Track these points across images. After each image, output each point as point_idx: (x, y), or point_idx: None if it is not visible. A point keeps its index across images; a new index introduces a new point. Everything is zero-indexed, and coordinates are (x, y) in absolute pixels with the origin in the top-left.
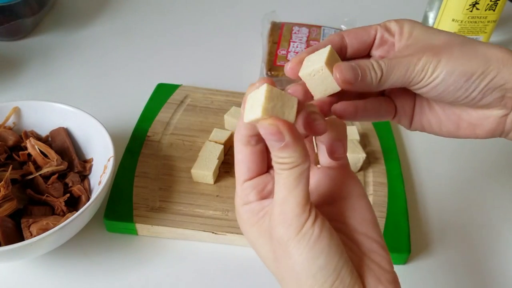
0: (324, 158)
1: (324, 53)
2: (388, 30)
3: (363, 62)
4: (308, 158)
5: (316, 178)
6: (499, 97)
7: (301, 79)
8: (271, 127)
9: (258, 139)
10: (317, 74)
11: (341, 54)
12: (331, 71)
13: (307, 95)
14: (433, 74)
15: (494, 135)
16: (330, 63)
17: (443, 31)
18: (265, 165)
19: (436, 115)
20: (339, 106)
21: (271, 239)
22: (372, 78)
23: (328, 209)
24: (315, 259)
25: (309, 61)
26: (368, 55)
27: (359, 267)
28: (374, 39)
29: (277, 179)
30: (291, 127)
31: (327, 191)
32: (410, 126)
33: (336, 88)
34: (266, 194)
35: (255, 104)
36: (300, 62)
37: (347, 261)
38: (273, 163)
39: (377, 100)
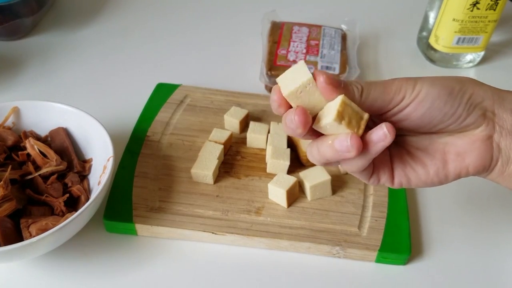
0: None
1: (302, 67)
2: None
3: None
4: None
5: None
6: (481, 114)
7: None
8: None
9: None
10: (304, 90)
11: None
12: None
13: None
14: (415, 90)
15: (485, 164)
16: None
17: None
18: None
19: (419, 160)
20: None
21: None
22: (355, 90)
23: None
24: None
25: (286, 79)
26: None
27: None
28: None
29: None
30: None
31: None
32: (393, 183)
33: (323, 105)
34: None
35: (329, 109)
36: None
37: None
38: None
39: None
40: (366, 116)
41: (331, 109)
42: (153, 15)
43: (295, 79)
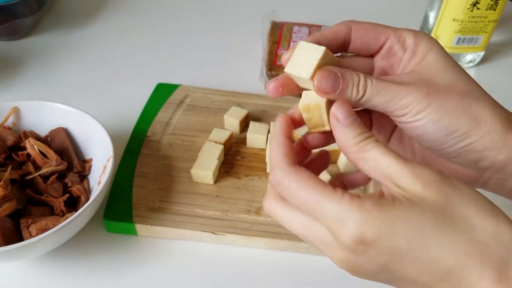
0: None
1: (314, 58)
2: (401, 42)
3: (351, 73)
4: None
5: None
6: (474, 161)
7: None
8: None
9: None
10: (301, 79)
11: (343, 47)
12: None
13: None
14: (416, 116)
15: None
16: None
17: (457, 67)
18: None
19: (412, 148)
20: (310, 139)
21: None
22: (352, 95)
23: None
24: None
25: (299, 53)
26: (371, 57)
27: None
28: (382, 46)
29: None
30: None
31: None
32: None
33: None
34: None
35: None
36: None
37: None
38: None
39: None
40: (326, 128)
41: (311, 97)
42: (153, 15)
43: (302, 65)
